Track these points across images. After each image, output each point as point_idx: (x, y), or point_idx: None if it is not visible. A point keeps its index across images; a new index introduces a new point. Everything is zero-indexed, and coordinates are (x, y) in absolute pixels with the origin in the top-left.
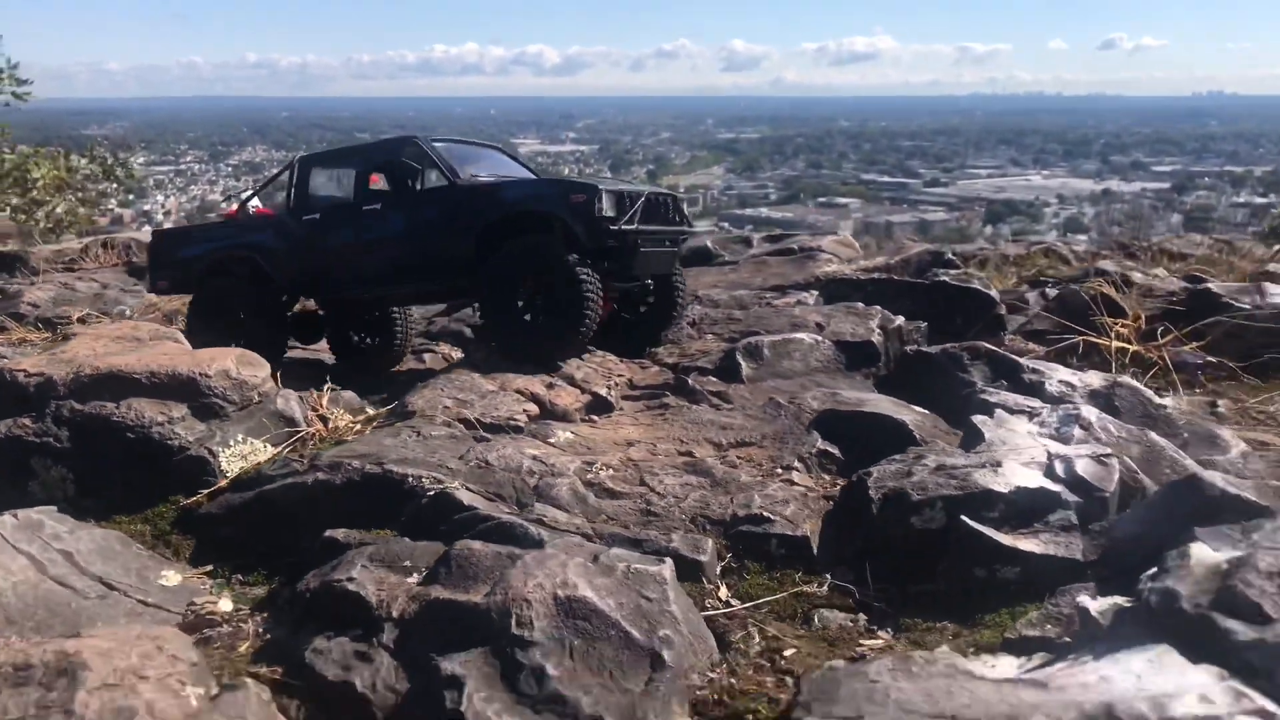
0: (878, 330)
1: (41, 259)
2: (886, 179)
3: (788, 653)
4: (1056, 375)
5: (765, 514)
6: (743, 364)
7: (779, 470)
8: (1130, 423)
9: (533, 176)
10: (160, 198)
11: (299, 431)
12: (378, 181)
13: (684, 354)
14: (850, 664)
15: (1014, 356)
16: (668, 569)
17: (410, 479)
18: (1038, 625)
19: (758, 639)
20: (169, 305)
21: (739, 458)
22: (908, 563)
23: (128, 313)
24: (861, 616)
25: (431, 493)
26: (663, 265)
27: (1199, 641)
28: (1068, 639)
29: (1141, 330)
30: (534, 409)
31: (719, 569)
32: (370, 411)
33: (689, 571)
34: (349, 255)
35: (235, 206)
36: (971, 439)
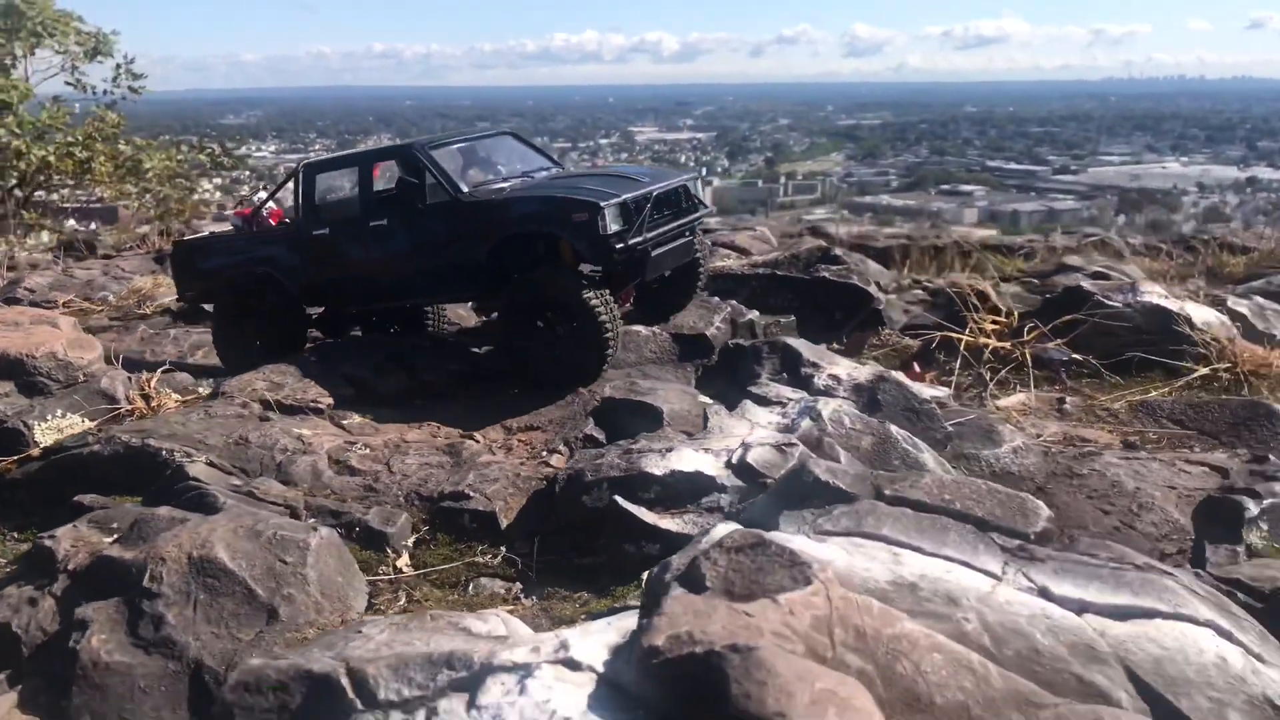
0: (719, 324)
1: (109, 244)
2: (1013, 166)
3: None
4: (829, 370)
5: (467, 491)
6: None
7: (544, 452)
8: (891, 416)
9: (544, 169)
10: (291, 184)
11: (118, 408)
12: (378, 174)
13: None
14: (368, 618)
15: (801, 350)
16: (315, 538)
17: (164, 453)
18: (638, 597)
19: (403, 600)
20: (158, 293)
21: (519, 440)
22: (578, 537)
23: (110, 299)
24: (517, 585)
25: (176, 465)
26: (679, 257)
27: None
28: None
29: (1012, 327)
30: (351, 392)
31: (412, 540)
32: (200, 391)
33: (375, 541)
34: (360, 271)
35: (248, 208)
36: (705, 426)
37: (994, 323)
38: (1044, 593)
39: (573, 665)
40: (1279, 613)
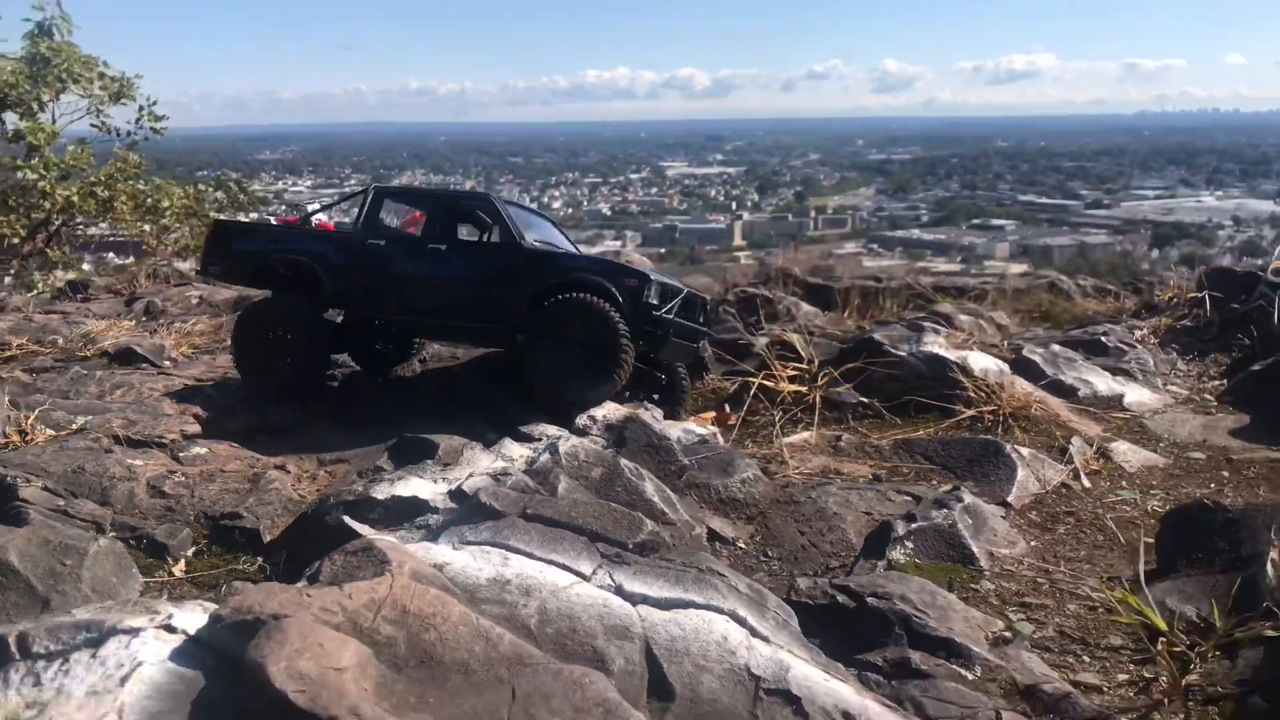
0: None
1: (100, 286)
2: (1045, 200)
3: None
4: (591, 411)
5: (242, 512)
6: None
7: (346, 482)
8: (633, 452)
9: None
10: (324, 218)
11: None
12: (419, 219)
13: None
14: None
15: None
16: (94, 545)
17: (7, 478)
18: None
19: (165, 597)
20: (105, 337)
21: (325, 471)
22: (319, 549)
23: (60, 341)
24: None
25: (9, 486)
26: (682, 355)
27: None
28: None
29: (812, 373)
30: (197, 429)
31: (191, 550)
32: (72, 427)
33: (159, 551)
34: (404, 284)
35: (295, 216)
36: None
37: (795, 369)
38: (618, 589)
39: (171, 630)
40: (864, 611)
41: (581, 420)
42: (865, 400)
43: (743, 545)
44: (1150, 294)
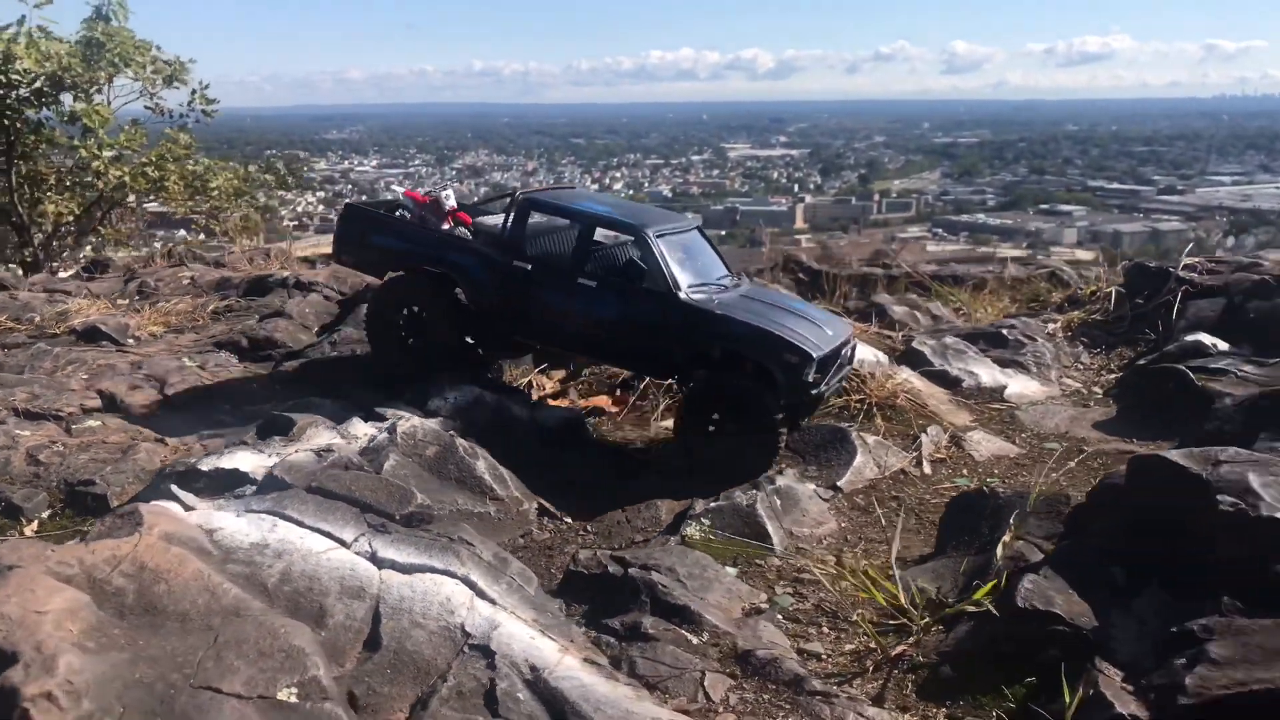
0: None
1: (121, 264)
2: (1116, 186)
3: None
4: (447, 391)
5: (96, 479)
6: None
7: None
8: (479, 434)
9: (726, 277)
10: (389, 199)
11: None
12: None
13: None
14: None
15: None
16: None
17: None
18: None
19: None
20: (79, 316)
21: (202, 445)
22: None
23: (36, 318)
24: None
25: None
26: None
27: None
28: None
29: None
30: (97, 403)
31: (47, 513)
32: None
33: (14, 513)
34: (552, 316)
35: (425, 195)
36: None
37: None
38: (372, 555)
39: None
40: (624, 581)
41: (434, 402)
42: None
43: (569, 521)
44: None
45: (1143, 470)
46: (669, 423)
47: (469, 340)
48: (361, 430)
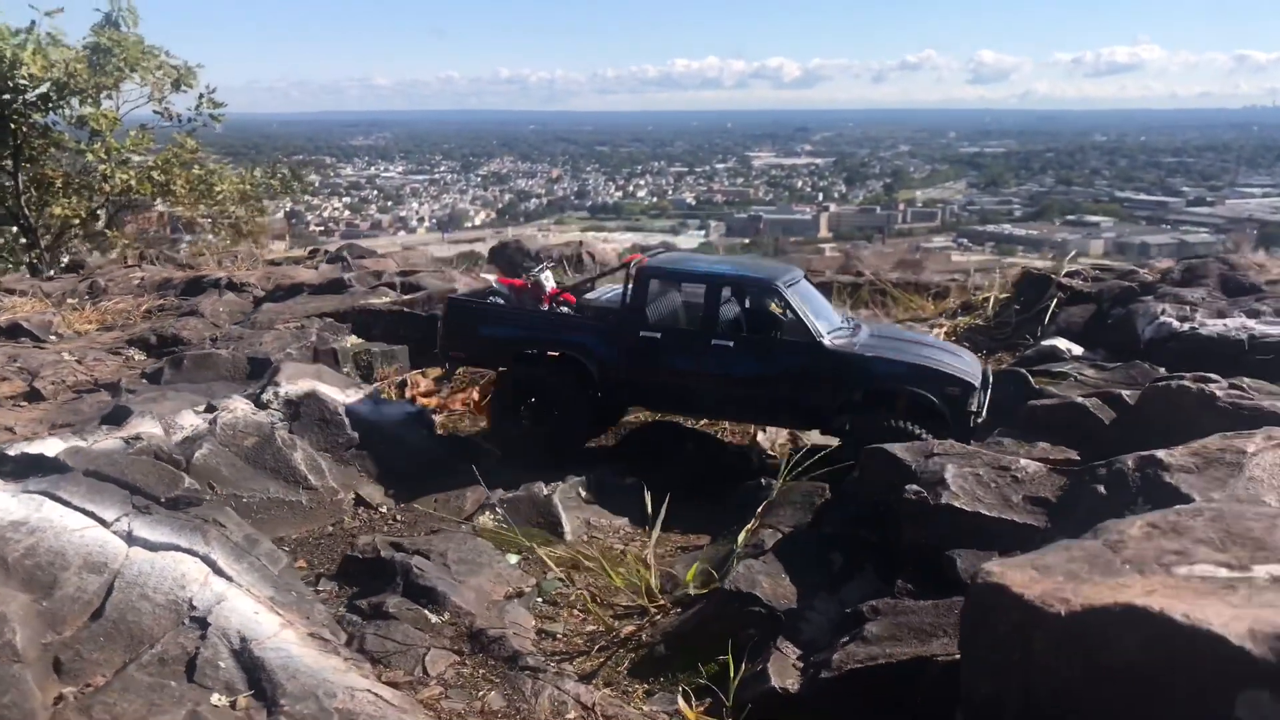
0: (300, 348)
1: (94, 265)
2: (1144, 197)
3: None
4: (283, 387)
5: None
6: (166, 370)
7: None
8: (305, 425)
9: (849, 320)
10: (415, 205)
11: None
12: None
13: None
14: None
15: (282, 370)
16: None
17: None
18: None
19: None
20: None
21: (49, 433)
22: None
23: None
24: None
25: None
26: None
27: None
28: None
29: None
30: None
31: None
32: None
33: None
34: (687, 381)
35: (521, 280)
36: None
37: None
38: (128, 534)
39: None
40: (390, 565)
41: (266, 395)
42: None
43: (385, 509)
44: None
45: (872, 462)
46: None
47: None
48: (189, 421)
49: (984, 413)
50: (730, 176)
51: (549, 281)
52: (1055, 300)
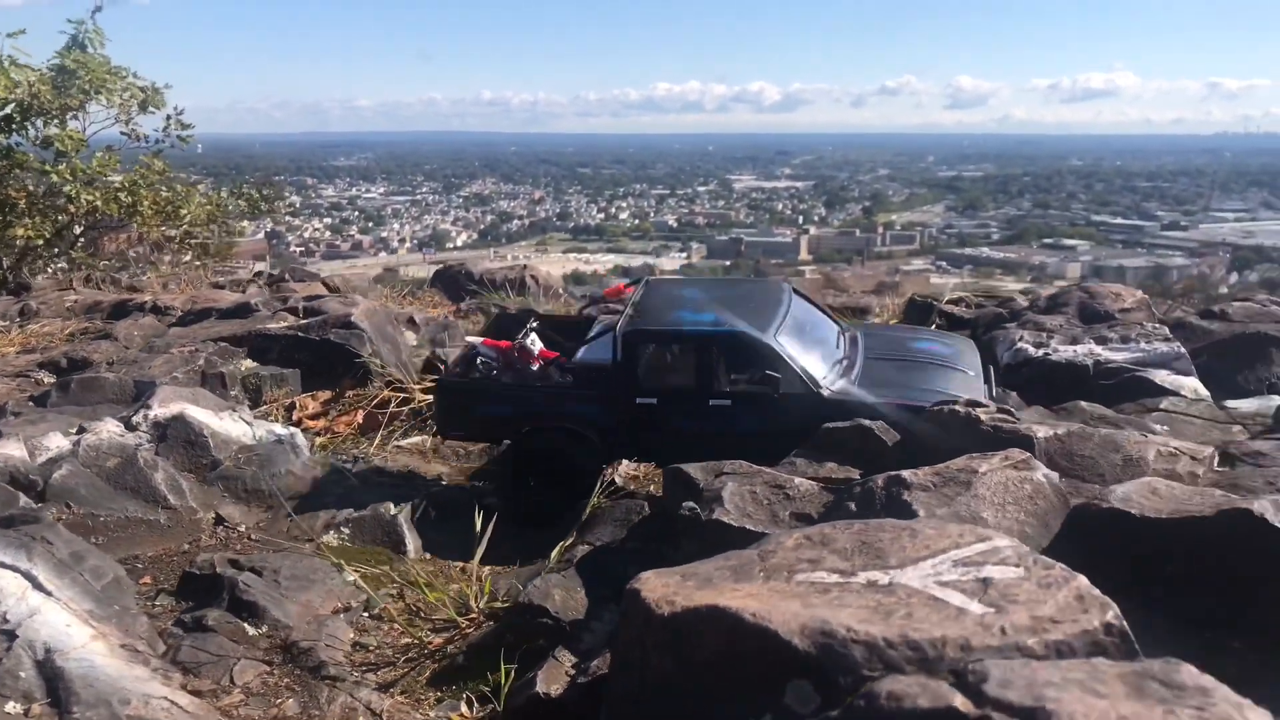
0: (187, 372)
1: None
2: (1120, 221)
3: None
4: (154, 410)
5: None
6: (53, 393)
7: None
8: (172, 445)
9: (842, 333)
10: (396, 226)
11: None
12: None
13: None
14: None
15: (157, 392)
16: None
17: None
18: None
19: None
20: None
21: None
22: None
23: None
24: None
25: None
26: None
27: None
28: None
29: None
30: None
31: None
32: None
33: None
34: (687, 441)
35: (506, 341)
36: None
37: (433, 380)
38: None
39: None
40: (221, 581)
41: (136, 417)
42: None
43: (244, 528)
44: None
45: (671, 480)
46: (407, 441)
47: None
48: (55, 443)
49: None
50: (711, 199)
51: (536, 345)
52: (934, 325)
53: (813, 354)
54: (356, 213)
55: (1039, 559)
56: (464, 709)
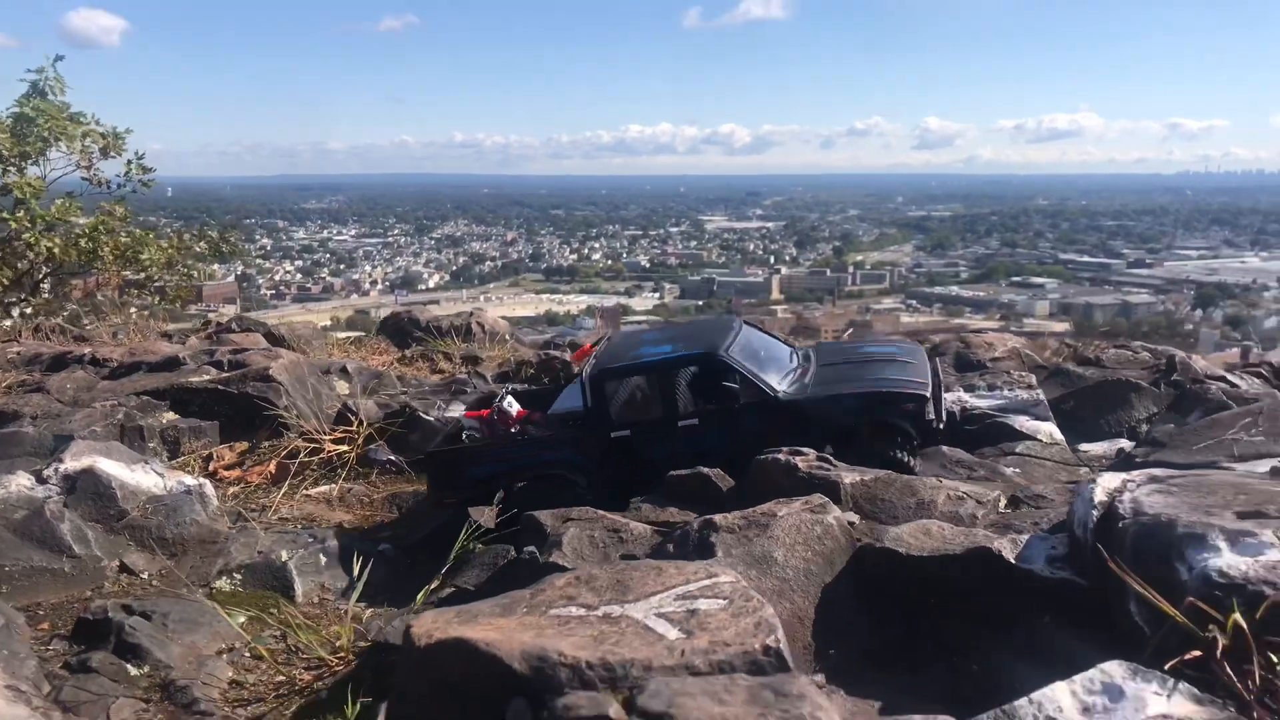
0: (106, 426)
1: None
2: (1086, 259)
3: None
4: (66, 463)
5: None
6: None
7: None
8: (81, 497)
9: (795, 353)
10: (368, 268)
11: None
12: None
13: None
14: None
15: (70, 446)
16: None
17: None
18: None
19: None
20: None
21: None
22: None
23: None
24: None
25: None
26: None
27: None
28: None
29: (363, 434)
30: None
31: None
32: None
33: None
34: (665, 464)
35: (485, 410)
36: None
37: (344, 431)
38: None
39: None
40: (108, 627)
41: (47, 471)
42: (394, 459)
43: (146, 575)
44: None
45: (526, 525)
46: (315, 490)
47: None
48: None
49: (944, 416)
50: (684, 239)
51: (513, 406)
52: None
53: (766, 366)
54: (328, 255)
55: (747, 593)
56: None
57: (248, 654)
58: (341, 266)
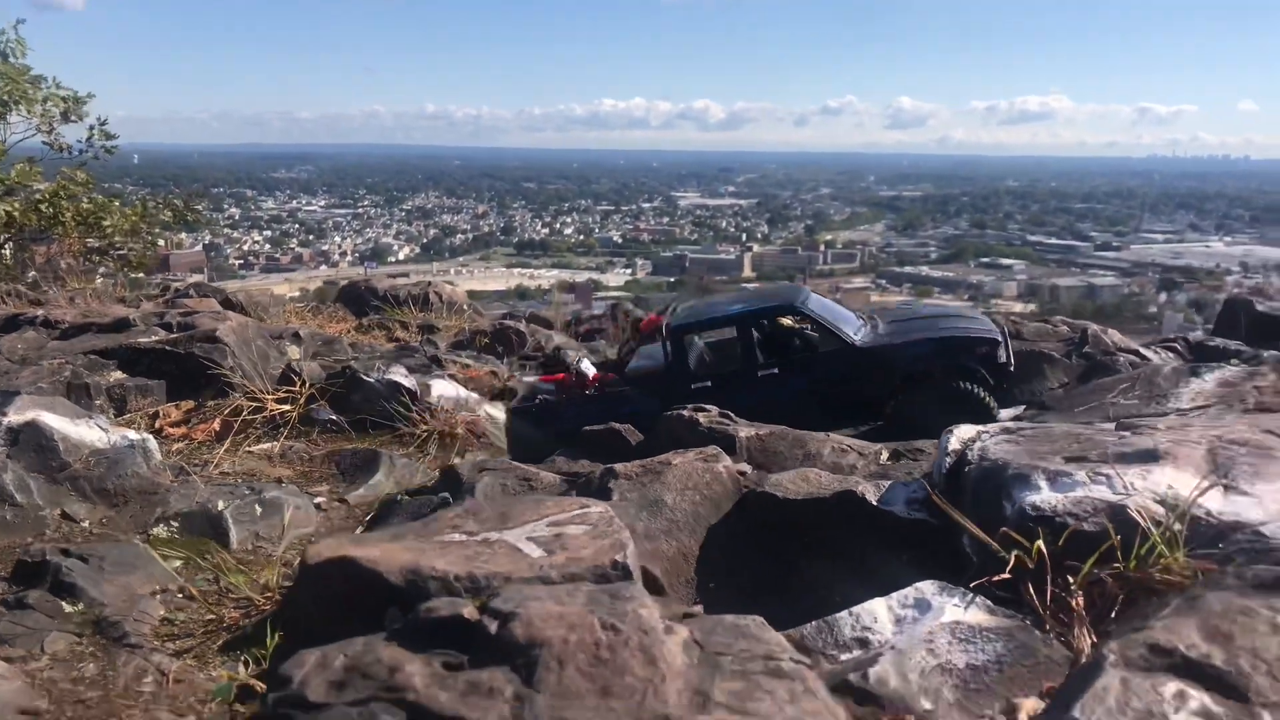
0: (53, 383)
1: None
2: (1054, 241)
3: None
4: (13, 415)
5: None
6: None
7: None
8: (23, 449)
9: (860, 315)
10: (337, 239)
11: None
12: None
13: None
14: None
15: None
16: None
17: None
18: None
19: None
20: None
21: None
22: None
23: None
24: None
25: None
26: None
27: None
28: None
29: (305, 394)
30: None
31: None
32: None
33: None
34: (746, 413)
35: (562, 374)
36: None
37: (287, 390)
38: None
39: None
40: (49, 567)
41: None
42: (335, 418)
43: (87, 523)
44: None
45: (445, 476)
46: (258, 447)
47: None
48: None
49: (1013, 360)
50: (656, 216)
51: (590, 369)
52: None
53: (839, 318)
54: (297, 226)
55: (611, 520)
56: (240, 669)
57: (180, 595)
58: (311, 237)
